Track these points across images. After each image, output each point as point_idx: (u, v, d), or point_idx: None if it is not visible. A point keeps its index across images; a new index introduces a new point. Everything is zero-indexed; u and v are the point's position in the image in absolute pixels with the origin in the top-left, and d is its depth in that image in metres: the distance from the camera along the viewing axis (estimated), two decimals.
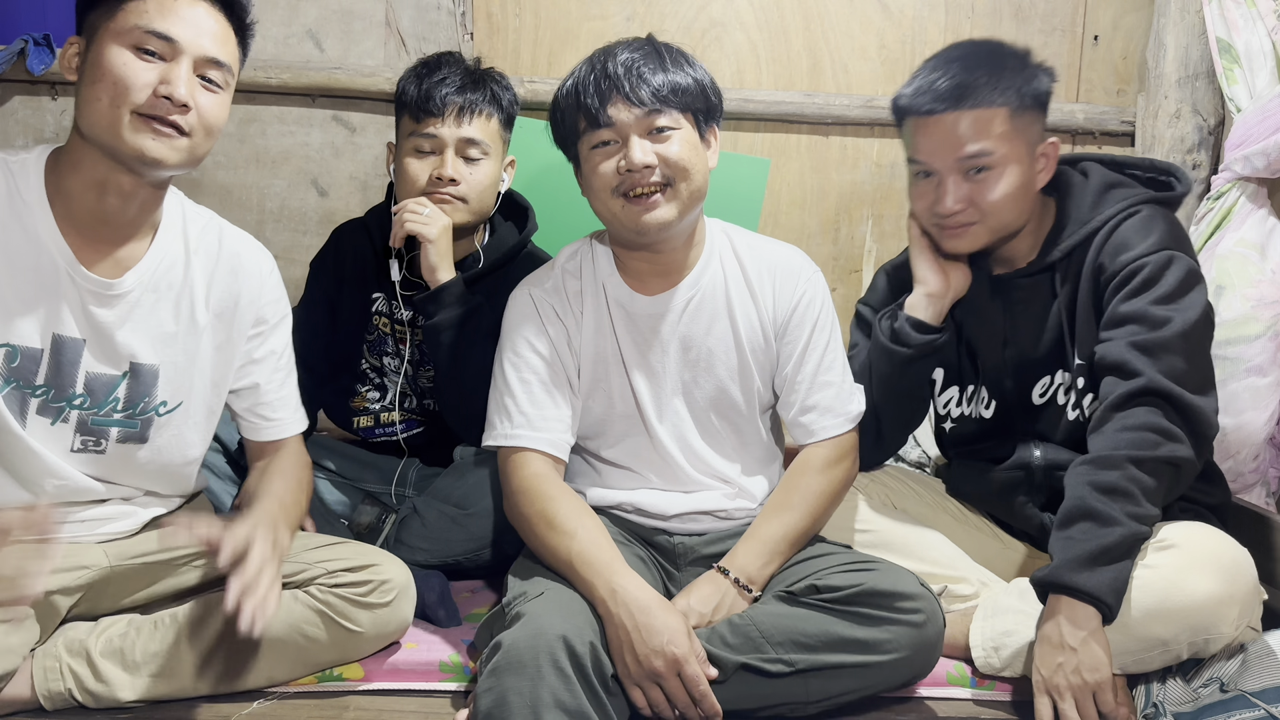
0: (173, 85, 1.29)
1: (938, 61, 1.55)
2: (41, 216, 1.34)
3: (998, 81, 1.50)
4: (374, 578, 1.46)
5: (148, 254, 1.41)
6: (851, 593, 1.38)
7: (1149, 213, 1.54)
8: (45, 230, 1.34)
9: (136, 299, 1.40)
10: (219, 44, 1.35)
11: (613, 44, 1.53)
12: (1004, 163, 1.52)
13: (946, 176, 1.54)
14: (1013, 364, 1.65)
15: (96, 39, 1.31)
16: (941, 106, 1.51)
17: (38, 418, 1.38)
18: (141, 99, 1.29)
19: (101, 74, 1.29)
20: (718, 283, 1.61)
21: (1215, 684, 1.39)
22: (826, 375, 1.61)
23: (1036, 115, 1.56)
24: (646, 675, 1.33)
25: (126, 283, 1.39)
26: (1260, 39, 2.08)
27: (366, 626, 1.45)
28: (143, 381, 1.42)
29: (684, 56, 1.54)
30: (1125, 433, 1.39)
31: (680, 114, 1.49)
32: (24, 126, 2.27)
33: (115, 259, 1.39)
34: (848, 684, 1.38)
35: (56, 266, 1.35)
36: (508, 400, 1.56)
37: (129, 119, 1.29)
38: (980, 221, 1.55)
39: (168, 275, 1.43)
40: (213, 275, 1.47)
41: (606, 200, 1.51)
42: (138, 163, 1.31)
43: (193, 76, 1.32)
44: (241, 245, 1.51)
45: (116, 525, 1.46)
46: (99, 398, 1.40)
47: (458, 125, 1.76)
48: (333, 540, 1.54)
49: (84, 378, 1.39)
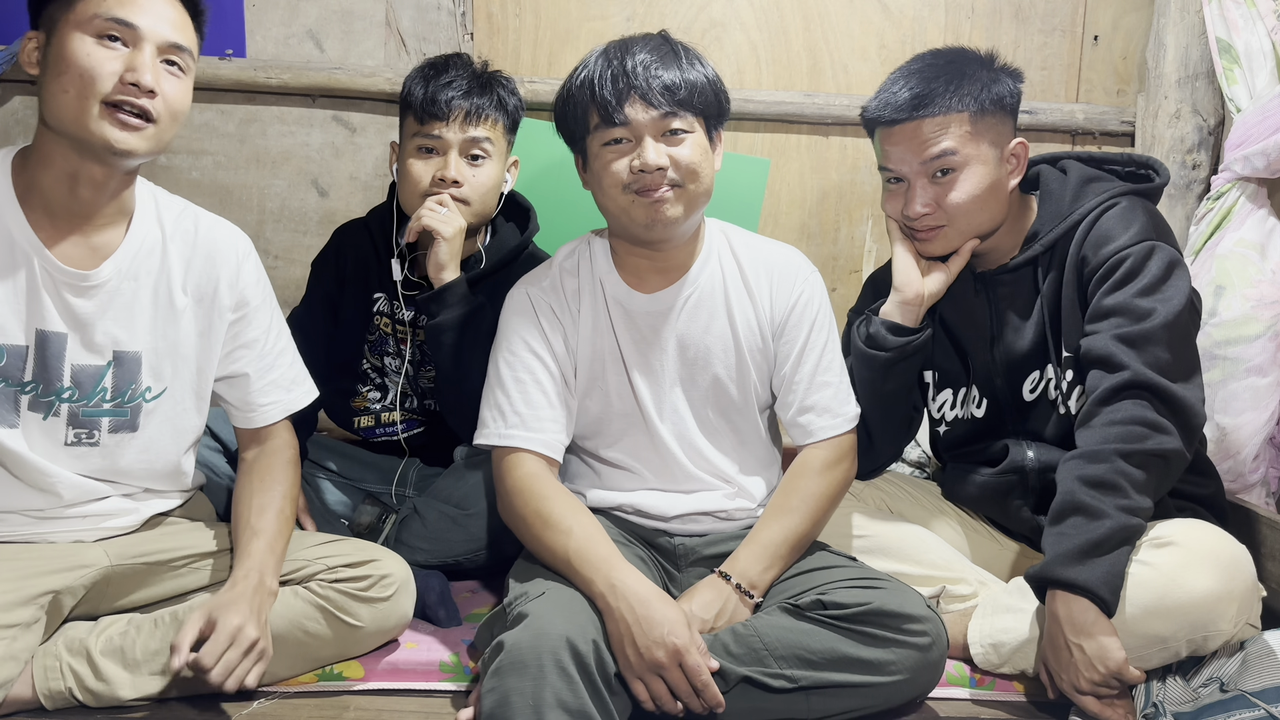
0: (139, 72, 1.30)
1: (900, 73, 1.60)
2: (12, 215, 1.35)
3: (957, 88, 1.54)
4: (374, 573, 1.46)
5: (124, 242, 1.42)
6: (858, 611, 1.38)
7: (1129, 204, 1.56)
8: (17, 228, 1.35)
9: (115, 287, 1.41)
10: (178, 29, 1.36)
11: (628, 39, 1.53)
12: (967, 165, 1.55)
13: (914, 181, 1.58)
14: (1002, 361, 1.66)
15: (57, 31, 1.31)
16: (902, 116, 1.55)
17: (29, 414, 1.39)
18: (108, 87, 1.30)
19: (66, 65, 1.29)
20: (716, 282, 1.61)
21: (1215, 684, 1.40)
22: (824, 375, 1.61)
23: (1001, 117, 1.58)
24: (648, 667, 1.33)
25: (104, 272, 1.40)
26: (1260, 39, 2.08)
27: (367, 621, 1.45)
28: (127, 369, 1.43)
29: (698, 57, 1.54)
30: (1112, 426, 1.40)
31: (694, 117, 1.51)
32: (24, 126, 2.28)
33: (90, 249, 1.40)
34: (849, 703, 1.38)
35: (31, 262, 1.36)
36: (502, 399, 1.56)
37: (97, 109, 1.30)
38: (949, 224, 1.58)
39: (146, 261, 1.44)
40: (190, 259, 1.47)
41: (616, 196, 1.51)
42: (107, 153, 1.32)
43: (157, 62, 1.33)
44: (217, 229, 1.52)
45: (117, 521, 1.46)
46: (86, 389, 1.41)
47: (463, 129, 1.76)
48: (332, 538, 1.54)
49: (70, 370, 1.39)
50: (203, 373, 1.51)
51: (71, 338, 1.39)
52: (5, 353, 1.36)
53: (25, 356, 1.37)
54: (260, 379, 1.55)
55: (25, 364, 1.37)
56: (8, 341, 1.36)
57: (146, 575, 1.46)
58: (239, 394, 1.56)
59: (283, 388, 1.58)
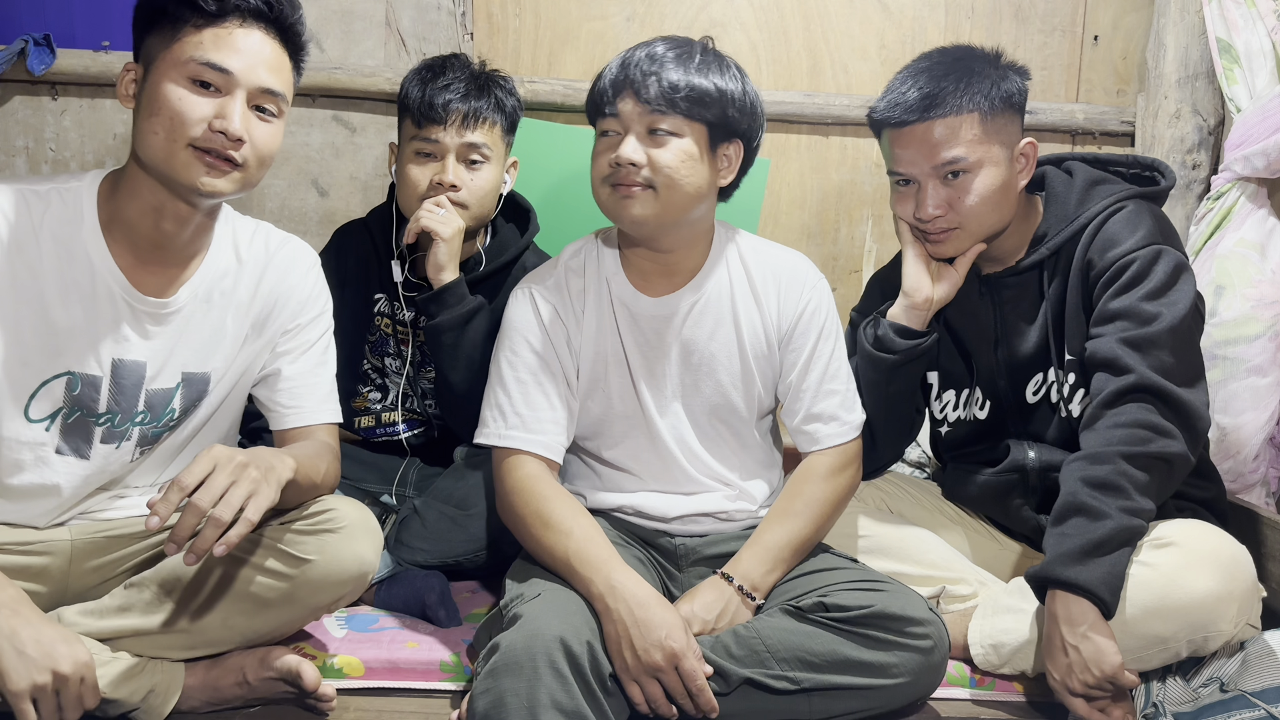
0: (227, 120, 1.31)
1: (908, 73, 1.58)
2: (94, 244, 1.37)
3: (967, 87, 1.52)
4: (322, 509, 1.41)
5: (200, 269, 1.44)
6: (860, 614, 1.38)
7: (1135, 207, 1.55)
8: (98, 257, 1.37)
9: (189, 312, 1.43)
10: (273, 73, 1.35)
11: (657, 38, 1.53)
12: (979, 166, 1.53)
13: (925, 183, 1.56)
14: (1005, 363, 1.66)
15: (154, 69, 1.32)
16: (912, 117, 1.53)
17: (101, 446, 1.40)
18: (197, 133, 1.30)
19: (158, 107, 1.30)
20: (723, 287, 1.60)
21: (1215, 684, 1.40)
22: (831, 384, 1.61)
23: (1010, 116, 1.57)
24: (645, 670, 1.33)
25: (180, 299, 1.42)
26: (1260, 39, 2.08)
27: (314, 554, 1.37)
28: (195, 389, 1.46)
29: (719, 64, 1.51)
30: (1117, 429, 1.40)
31: (685, 121, 1.48)
32: (24, 127, 2.28)
33: (168, 278, 1.41)
34: (851, 705, 1.38)
35: (112, 292, 1.37)
36: (503, 399, 1.56)
37: (184, 153, 1.31)
38: (961, 226, 1.57)
39: (219, 284, 1.45)
40: (259, 280, 1.49)
41: (598, 187, 1.52)
42: (193, 194, 1.34)
43: (247, 109, 1.33)
44: (285, 247, 1.53)
45: (114, 513, 1.47)
46: (158, 412, 1.43)
47: (460, 133, 1.75)
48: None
49: (145, 396, 1.41)
50: (245, 375, 1.52)
51: (149, 365, 1.41)
52: (80, 381, 1.37)
53: (100, 386, 1.38)
54: (295, 379, 1.52)
55: (100, 393, 1.38)
56: (84, 370, 1.37)
57: (112, 547, 1.45)
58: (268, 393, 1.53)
59: (320, 396, 1.55)
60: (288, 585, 1.38)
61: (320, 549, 1.38)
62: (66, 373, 1.37)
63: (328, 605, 1.43)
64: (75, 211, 1.37)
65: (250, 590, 1.38)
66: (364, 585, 1.44)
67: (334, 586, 1.40)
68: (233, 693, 1.42)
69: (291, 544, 1.38)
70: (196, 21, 1.31)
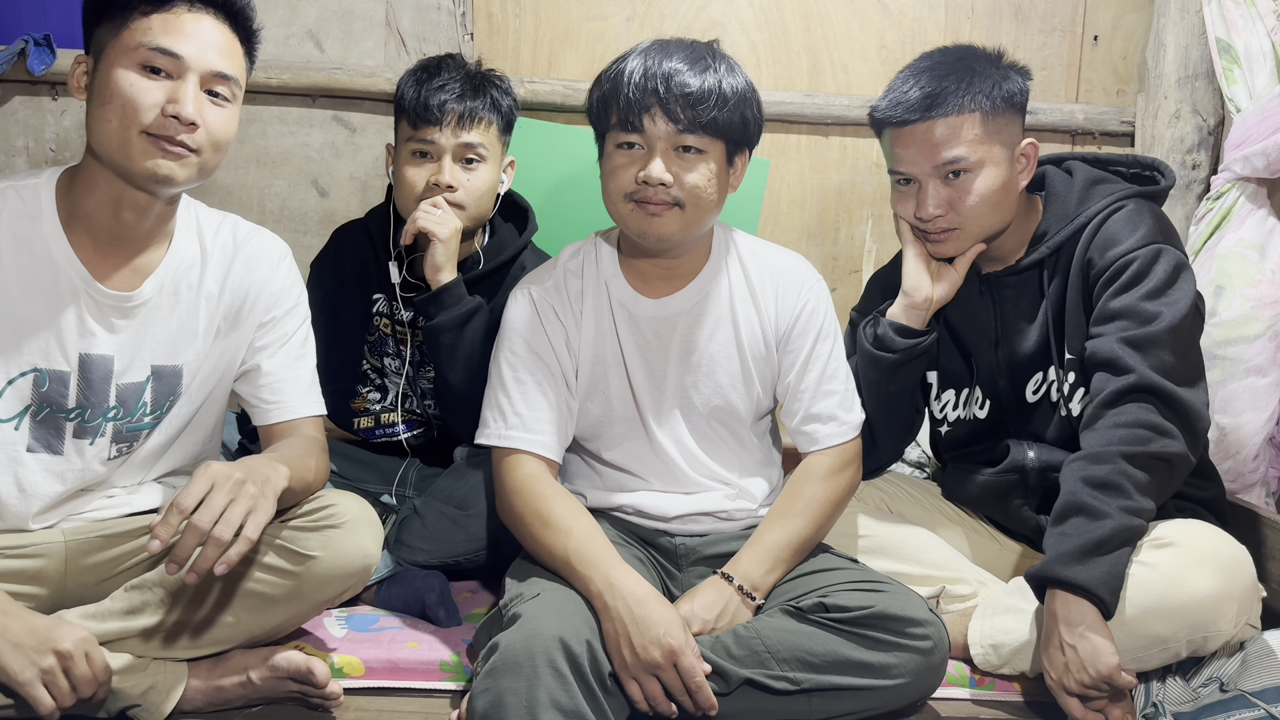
0: (180, 104, 1.30)
1: (909, 72, 1.58)
2: (54, 238, 1.36)
3: (968, 87, 1.52)
4: (323, 505, 1.42)
5: (164, 261, 1.43)
6: (861, 615, 1.38)
7: (1135, 206, 1.55)
8: (59, 251, 1.36)
9: (155, 304, 1.42)
10: (225, 57, 1.35)
11: (669, 41, 1.51)
12: (980, 166, 1.53)
13: (926, 182, 1.56)
14: (1005, 363, 1.66)
15: (104, 58, 1.32)
16: (914, 116, 1.53)
17: (74, 441, 1.40)
18: (149, 119, 1.30)
19: (110, 95, 1.30)
20: (722, 290, 1.61)
21: (1215, 683, 1.40)
22: (830, 384, 1.61)
23: (1012, 116, 1.57)
24: (643, 667, 1.33)
25: (145, 291, 1.41)
26: (1260, 39, 2.08)
27: (318, 549, 1.38)
28: (166, 382, 1.44)
29: (736, 75, 1.51)
30: (1117, 429, 1.40)
31: (711, 139, 1.48)
32: (24, 126, 2.28)
33: (131, 270, 1.40)
34: (851, 705, 1.38)
35: (75, 286, 1.36)
36: (503, 399, 1.56)
37: (138, 139, 1.30)
38: (961, 226, 1.57)
39: (186, 277, 1.44)
40: (228, 271, 1.48)
41: (618, 201, 1.51)
42: (150, 181, 1.33)
43: (200, 93, 1.33)
44: (253, 239, 1.52)
45: (106, 512, 1.46)
46: (130, 406, 1.42)
47: (455, 133, 1.75)
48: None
49: (115, 390, 1.40)
50: (226, 373, 1.51)
51: (117, 359, 1.40)
52: (47, 378, 1.37)
53: (68, 381, 1.38)
54: (276, 374, 1.53)
55: (68, 389, 1.38)
56: (50, 367, 1.37)
57: (106, 545, 1.45)
58: (251, 389, 1.53)
59: (301, 389, 1.56)
60: (293, 582, 1.39)
61: (324, 544, 1.39)
62: (33, 369, 1.36)
63: (332, 599, 1.44)
64: (34, 207, 1.36)
65: (256, 589, 1.39)
66: (367, 578, 1.46)
67: (339, 580, 1.41)
68: (236, 693, 1.42)
69: (295, 541, 1.39)
70: (144, 8, 1.31)
